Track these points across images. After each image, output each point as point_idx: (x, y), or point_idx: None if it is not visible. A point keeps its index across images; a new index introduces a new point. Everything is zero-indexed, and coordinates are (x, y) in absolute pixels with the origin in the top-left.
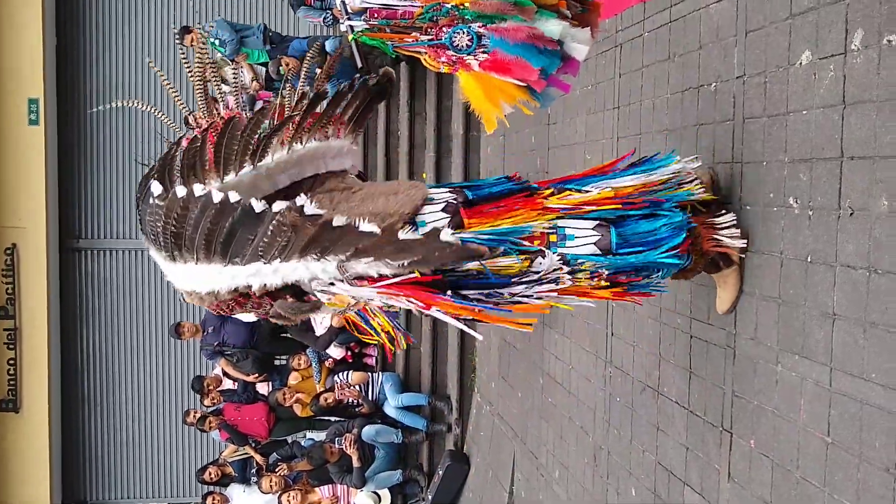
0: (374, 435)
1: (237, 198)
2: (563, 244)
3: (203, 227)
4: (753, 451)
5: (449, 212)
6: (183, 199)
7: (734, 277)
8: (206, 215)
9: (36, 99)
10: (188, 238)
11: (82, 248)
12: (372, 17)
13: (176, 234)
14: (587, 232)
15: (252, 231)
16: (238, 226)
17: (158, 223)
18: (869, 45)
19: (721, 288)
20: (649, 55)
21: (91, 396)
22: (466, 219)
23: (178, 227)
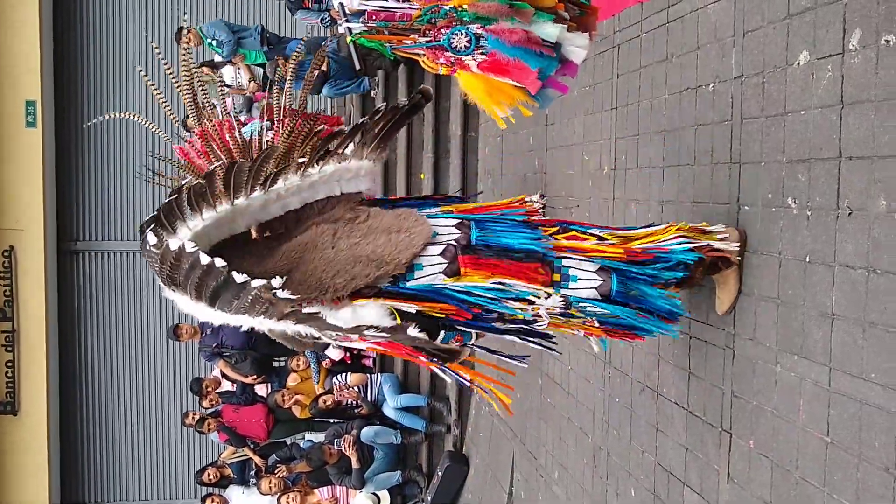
0: (373, 436)
1: (222, 264)
2: (566, 285)
3: (192, 281)
4: (753, 452)
5: (447, 257)
6: (175, 253)
7: (733, 278)
8: (195, 273)
9: (33, 101)
10: (181, 284)
11: (80, 250)
12: (370, 20)
13: (171, 278)
14: (590, 275)
15: (235, 295)
16: (221, 290)
17: (156, 266)
18: (867, 45)
19: (720, 289)
20: (647, 56)
21: (89, 398)
22: (464, 267)
23: (173, 274)
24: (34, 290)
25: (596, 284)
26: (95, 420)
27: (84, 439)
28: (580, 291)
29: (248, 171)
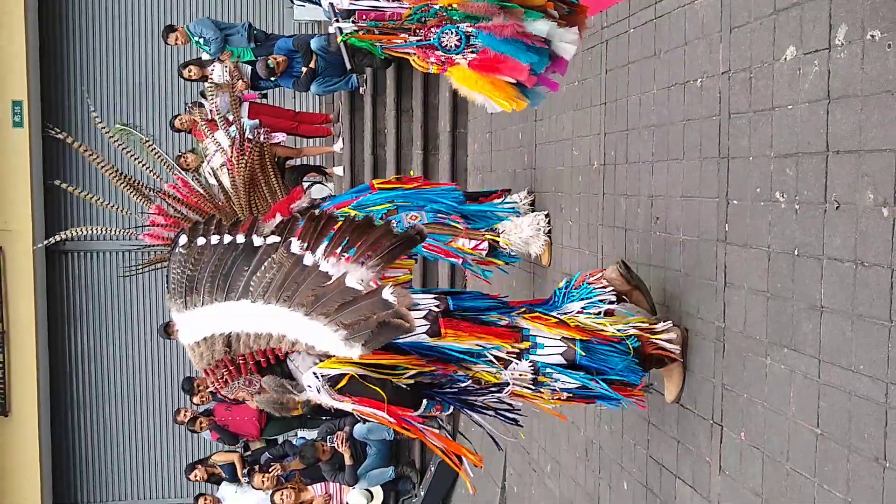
0: (366, 432)
1: (242, 238)
2: (533, 352)
3: (211, 264)
4: (744, 444)
5: (429, 319)
6: (201, 247)
7: (678, 370)
8: (216, 253)
9: (20, 101)
10: (198, 280)
11: (69, 249)
12: (360, 19)
13: (190, 277)
14: (555, 342)
15: (248, 263)
16: (238, 259)
17: (178, 269)
18: (853, 41)
19: (667, 379)
20: (635, 51)
21: (80, 398)
22: (444, 328)
23: (193, 269)
24: (23, 291)
25: (561, 350)
26: (86, 420)
27: (75, 440)
28: (547, 357)
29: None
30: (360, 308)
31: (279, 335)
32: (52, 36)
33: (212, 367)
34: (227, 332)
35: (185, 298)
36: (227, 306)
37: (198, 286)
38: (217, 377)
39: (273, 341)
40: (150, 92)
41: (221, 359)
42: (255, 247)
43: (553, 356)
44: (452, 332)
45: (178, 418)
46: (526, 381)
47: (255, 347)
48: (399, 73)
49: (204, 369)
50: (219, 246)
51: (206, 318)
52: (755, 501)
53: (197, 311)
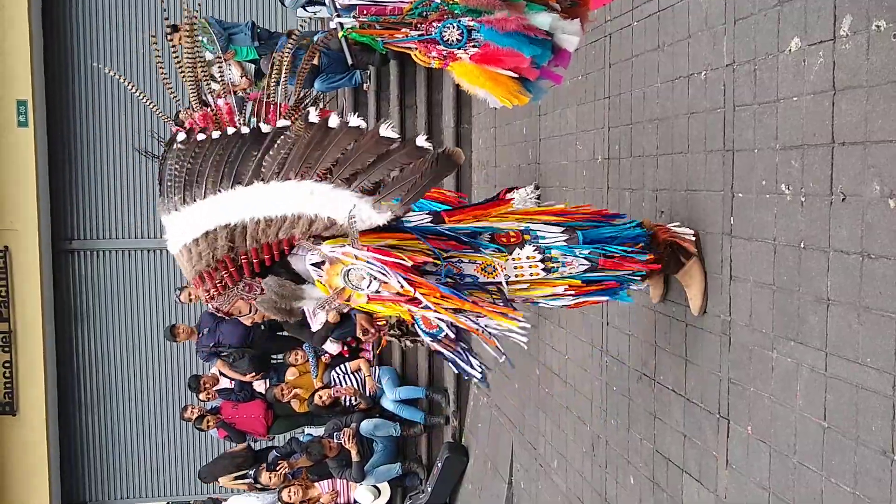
0: (373, 429)
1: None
2: (535, 241)
3: (216, 155)
4: (751, 438)
5: (431, 213)
6: (202, 141)
7: (697, 271)
8: (219, 144)
9: (24, 101)
10: (199, 172)
11: (75, 249)
12: (361, 14)
13: (190, 170)
14: (556, 233)
15: (257, 147)
16: (245, 145)
17: (175, 165)
18: (857, 31)
19: (688, 289)
20: (639, 45)
21: (88, 397)
22: (447, 218)
23: (194, 162)
24: (30, 291)
25: (564, 238)
26: (94, 419)
27: (84, 438)
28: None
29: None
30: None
31: (294, 216)
32: (56, 35)
33: (210, 270)
34: (234, 222)
35: (184, 193)
36: (235, 194)
37: (199, 178)
38: (215, 281)
39: (286, 227)
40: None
41: (222, 259)
42: (264, 132)
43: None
44: (456, 218)
45: (184, 415)
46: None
47: (264, 239)
48: (402, 69)
49: (200, 272)
50: (222, 137)
51: (208, 212)
52: (762, 495)
53: (197, 205)
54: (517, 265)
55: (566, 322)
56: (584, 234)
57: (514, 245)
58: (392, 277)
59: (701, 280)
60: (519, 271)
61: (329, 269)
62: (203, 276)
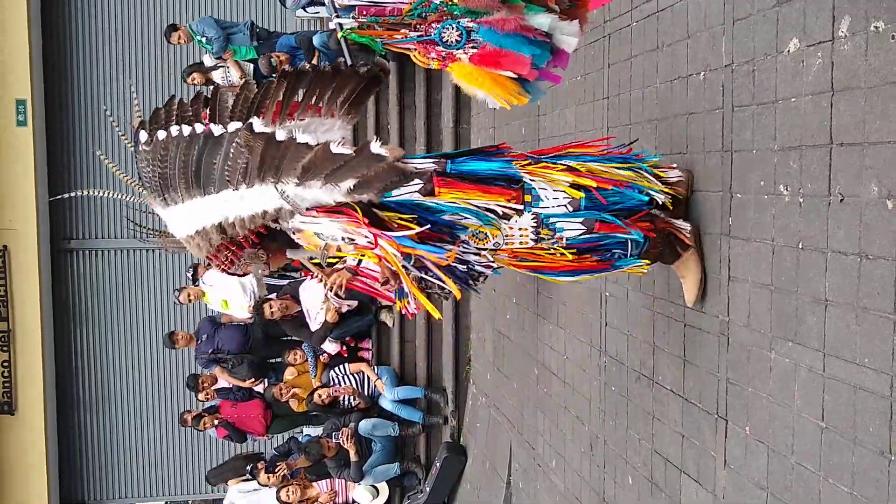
0: (371, 429)
1: (202, 129)
2: (536, 204)
3: (179, 160)
4: (749, 438)
5: (423, 179)
6: (164, 142)
7: (693, 262)
8: (180, 149)
9: (23, 100)
10: (170, 177)
11: (74, 248)
12: (361, 15)
13: (161, 174)
14: (558, 201)
15: (215, 155)
16: (203, 151)
17: (147, 168)
18: (856, 32)
19: (683, 280)
20: (637, 45)
21: (86, 397)
22: (438, 187)
23: (162, 167)
24: (29, 290)
25: (566, 202)
26: (93, 418)
27: (82, 438)
28: (550, 210)
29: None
30: (353, 167)
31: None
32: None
33: (213, 254)
34: (219, 220)
35: (164, 196)
36: (209, 200)
37: (172, 182)
38: (222, 260)
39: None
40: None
41: (220, 244)
42: (217, 136)
43: (557, 208)
44: (447, 190)
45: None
46: (528, 234)
47: (252, 226)
48: (402, 70)
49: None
50: (180, 138)
51: (191, 213)
52: (760, 495)
53: (179, 206)
54: (508, 233)
55: (565, 322)
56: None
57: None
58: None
59: (697, 272)
60: (509, 240)
61: (302, 235)
62: (210, 258)
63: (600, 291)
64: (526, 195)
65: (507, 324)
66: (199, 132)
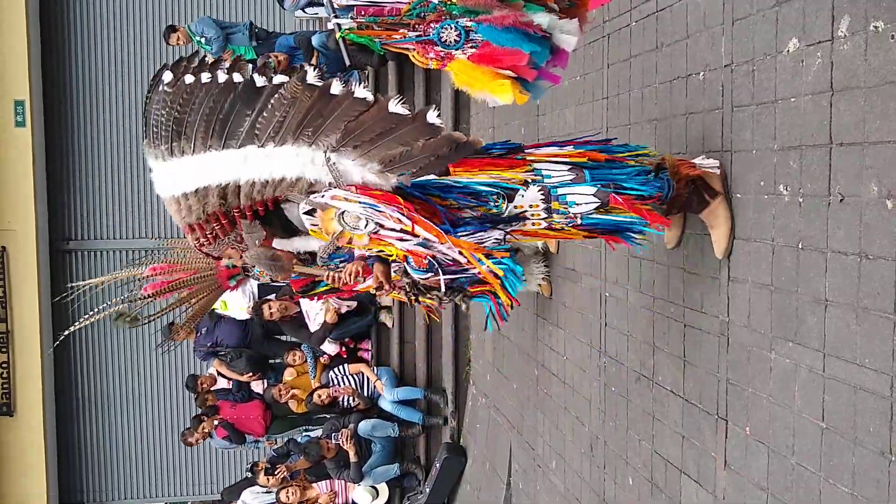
0: (371, 430)
1: (240, 78)
2: (540, 181)
3: (205, 106)
4: (749, 438)
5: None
6: (190, 86)
7: (723, 210)
8: (210, 94)
9: (22, 101)
10: (188, 123)
11: (73, 249)
12: (359, 15)
13: (178, 119)
14: (562, 172)
15: (251, 106)
16: (238, 100)
17: (162, 111)
18: (856, 32)
19: (713, 229)
20: (637, 45)
21: (85, 398)
22: (452, 167)
23: (182, 111)
24: (27, 291)
25: (570, 177)
26: (92, 419)
27: (81, 439)
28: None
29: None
30: (402, 135)
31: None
32: (54, 35)
33: (200, 223)
34: (226, 182)
35: (172, 144)
36: (227, 155)
37: (188, 130)
38: (206, 232)
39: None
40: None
41: (214, 212)
42: (259, 87)
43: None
44: (462, 168)
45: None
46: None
47: (259, 198)
48: (401, 69)
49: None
50: (212, 84)
51: (199, 168)
52: (761, 496)
53: (186, 159)
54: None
55: (565, 322)
56: (591, 172)
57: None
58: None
59: (727, 220)
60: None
61: (322, 215)
62: (194, 227)
63: (600, 292)
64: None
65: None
66: (237, 80)
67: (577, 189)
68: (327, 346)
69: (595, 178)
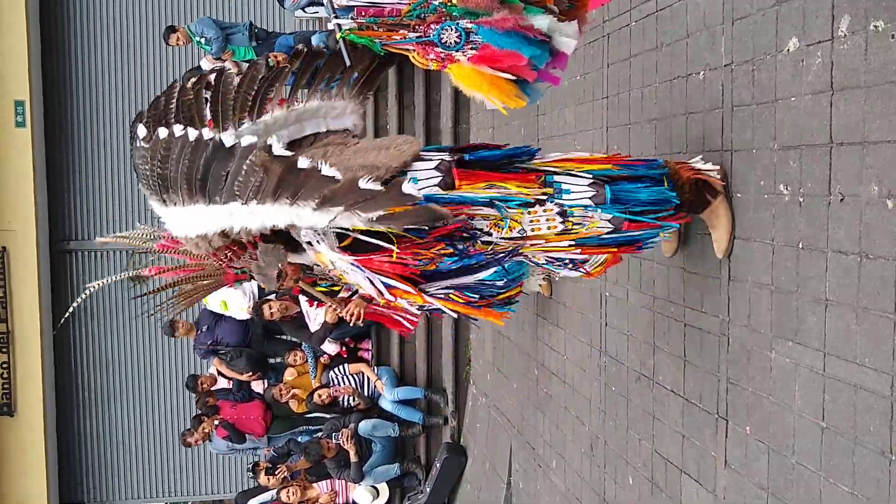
0: (371, 429)
1: (210, 135)
2: (559, 196)
3: (182, 165)
4: (749, 438)
5: (441, 170)
6: (165, 141)
7: (724, 210)
8: (184, 153)
9: (22, 101)
10: (171, 179)
11: (73, 249)
12: (359, 16)
13: (162, 175)
14: (582, 187)
15: (224, 167)
16: (211, 161)
17: (146, 166)
18: (855, 31)
19: (714, 229)
20: (637, 45)
21: (86, 398)
22: (458, 179)
23: (163, 168)
24: (28, 291)
25: (590, 195)
26: (92, 419)
27: (81, 439)
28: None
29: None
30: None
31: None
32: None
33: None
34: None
35: (162, 196)
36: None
37: (172, 185)
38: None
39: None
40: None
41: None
42: (229, 148)
43: (581, 200)
44: (468, 182)
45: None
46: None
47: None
48: (400, 69)
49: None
50: (184, 141)
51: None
52: (761, 495)
53: (179, 209)
54: (533, 219)
55: (565, 322)
56: (612, 189)
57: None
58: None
59: (728, 219)
60: (535, 225)
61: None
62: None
63: (600, 291)
64: (547, 188)
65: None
66: (206, 138)
67: (594, 213)
68: (328, 346)
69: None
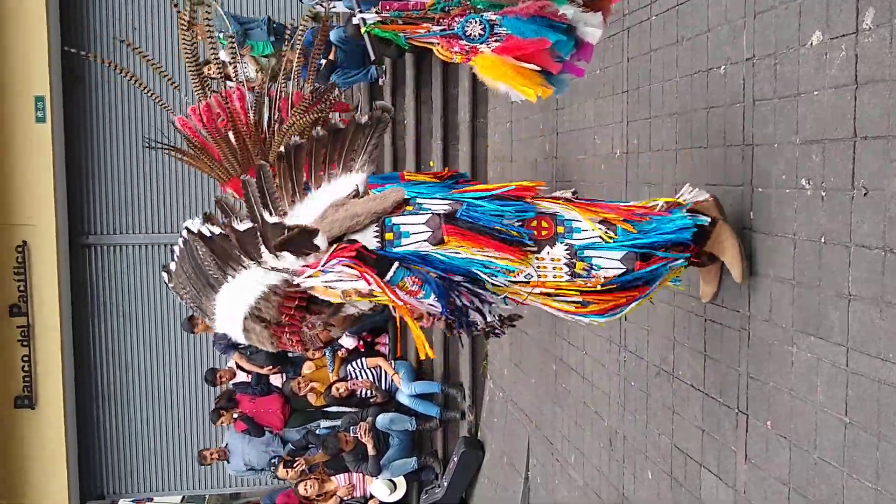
0: (389, 423)
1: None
2: (569, 236)
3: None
4: (770, 433)
5: (431, 226)
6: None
7: (727, 234)
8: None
9: (42, 97)
10: (195, 297)
11: (92, 243)
12: (384, 9)
13: (194, 299)
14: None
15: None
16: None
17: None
18: (881, 24)
19: (723, 256)
20: (657, 39)
21: (106, 391)
22: (447, 235)
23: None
24: (48, 285)
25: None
26: (113, 412)
27: (101, 432)
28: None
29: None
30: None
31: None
32: (73, 31)
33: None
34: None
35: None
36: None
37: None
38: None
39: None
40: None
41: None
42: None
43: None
44: (456, 240)
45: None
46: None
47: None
48: (418, 64)
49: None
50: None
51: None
52: (782, 490)
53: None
54: (541, 265)
55: None
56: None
57: (545, 241)
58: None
59: (734, 243)
60: (542, 272)
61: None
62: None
63: None
64: (558, 226)
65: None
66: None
67: (605, 253)
68: (345, 340)
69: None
